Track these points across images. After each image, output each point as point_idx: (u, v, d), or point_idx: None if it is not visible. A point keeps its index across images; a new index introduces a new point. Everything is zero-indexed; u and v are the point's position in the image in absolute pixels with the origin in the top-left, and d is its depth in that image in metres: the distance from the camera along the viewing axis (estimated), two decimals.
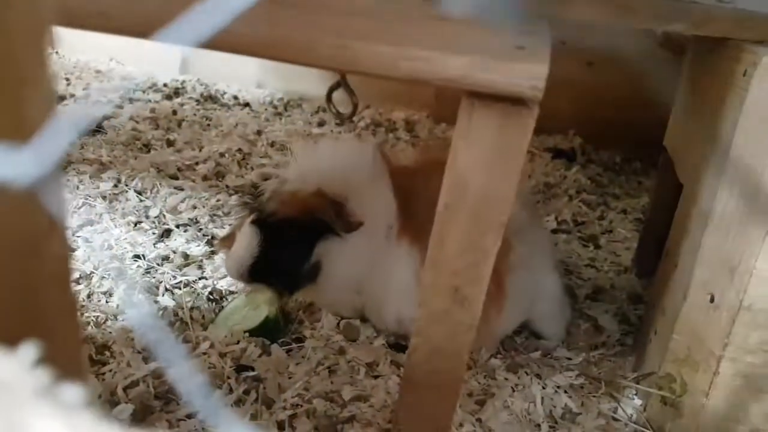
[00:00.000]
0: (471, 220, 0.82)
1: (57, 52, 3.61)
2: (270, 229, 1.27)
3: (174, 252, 1.72)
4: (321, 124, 2.98)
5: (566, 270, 1.83)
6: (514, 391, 1.31)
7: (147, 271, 1.61)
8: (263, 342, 1.35)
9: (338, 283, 1.35)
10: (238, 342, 1.35)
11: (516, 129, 0.75)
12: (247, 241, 1.28)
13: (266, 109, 3.14)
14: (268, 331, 1.38)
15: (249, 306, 1.42)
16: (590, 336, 1.55)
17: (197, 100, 3.10)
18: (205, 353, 1.30)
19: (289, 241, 1.27)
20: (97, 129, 2.56)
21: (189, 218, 1.93)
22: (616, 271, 1.86)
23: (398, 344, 1.42)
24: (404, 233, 1.33)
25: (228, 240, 1.39)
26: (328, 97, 0.93)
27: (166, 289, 1.54)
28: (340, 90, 1.01)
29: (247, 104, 3.17)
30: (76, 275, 1.54)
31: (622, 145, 2.75)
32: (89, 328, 1.35)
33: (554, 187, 2.44)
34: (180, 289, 1.54)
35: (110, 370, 1.23)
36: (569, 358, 1.45)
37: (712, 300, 1.11)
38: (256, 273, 1.30)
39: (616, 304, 1.68)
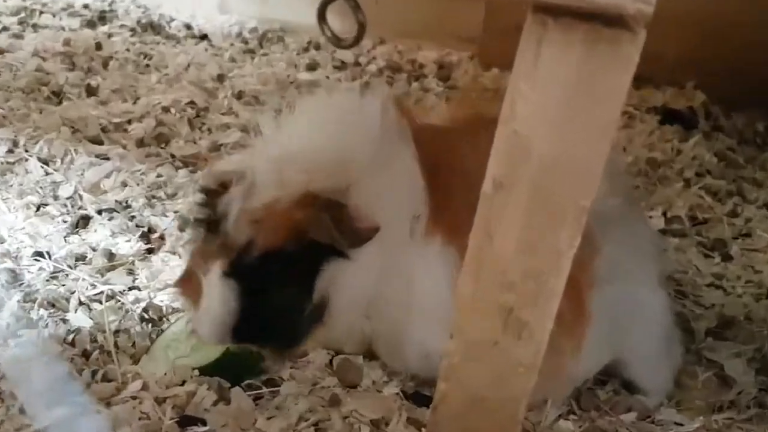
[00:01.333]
0: (534, 206, 0.81)
1: None
2: (248, 271, 1.29)
3: (93, 249, 1.72)
4: (312, 67, 2.97)
5: (678, 291, 1.80)
6: None
7: (53, 276, 1.61)
8: (220, 384, 1.34)
9: (351, 313, 1.37)
10: (183, 383, 1.34)
11: (610, 65, 0.73)
12: (219, 296, 1.29)
13: (232, 45, 3.13)
14: (227, 368, 1.36)
15: None
16: (712, 391, 1.52)
17: (132, 30, 3.10)
18: (134, 397, 1.29)
19: (278, 283, 1.29)
20: None
21: (116, 201, 1.92)
22: (753, 294, 1.83)
23: (418, 394, 1.39)
24: (437, 225, 1.32)
25: (188, 283, 1.38)
26: (321, 15, 0.92)
27: (81, 303, 1.54)
28: (339, 4, 0.99)
29: (204, 36, 3.16)
30: None
31: (767, 104, 2.71)
32: None
33: (663, 166, 2.40)
34: (101, 303, 1.54)
35: None
36: (679, 424, 1.42)
37: None
38: (243, 332, 1.32)
39: (752, 344, 1.64)
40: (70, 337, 1.43)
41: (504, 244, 0.83)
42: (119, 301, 1.56)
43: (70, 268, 1.65)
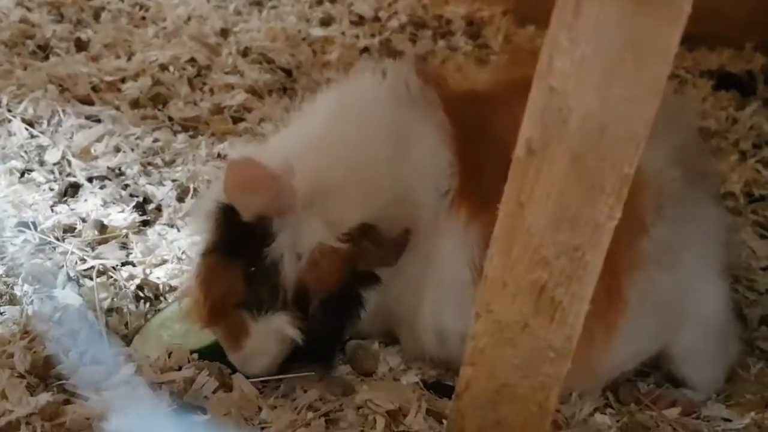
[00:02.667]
0: (571, 172, 0.80)
1: None
2: (306, 319, 1.33)
3: (83, 220, 1.74)
4: (326, 22, 2.96)
5: (730, 275, 1.79)
6: None
7: (39, 249, 1.63)
8: (220, 369, 1.36)
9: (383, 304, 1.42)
10: (180, 368, 1.36)
11: (658, 15, 0.72)
12: (278, 343, 1.34)
13: None
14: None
15: None
16: (765, 384, 1.53)
17: None
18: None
19: (331, 317, 1.35)
20: None
21: (108, 168, 1.94)
22: None
23: (440, 383, 1.42)
24: (463, 200, 1.34)
25: (221, 317, 1.35)
26: None
27: (70, 278, 1.56)
28: None
29: None
30: None
31: None
32: None
33: (717, 136, 2.39)
34: (91, 279, 1.56)
35: None
36: (728, 420, 1.43)
37: None
38: (293, 360, 1.38)
39: None
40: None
41: (537, 215, 0.83)
42: (111, 277, 1.59)
43: (58, 240, 1.67)
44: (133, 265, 1.63)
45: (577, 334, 0.88)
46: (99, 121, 2.12)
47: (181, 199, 1.86)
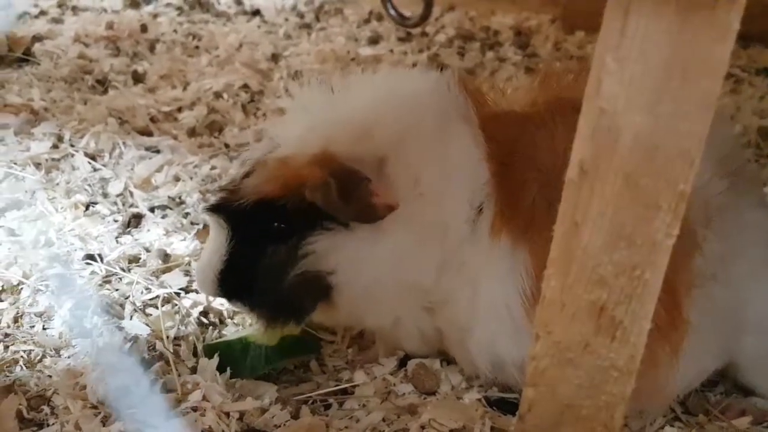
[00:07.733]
0: (625, 192, 0.80)
1: None
2: (239, 215, 1.32)
3: (147, 250, 1.78)
4: (374, 40, 2.98)
5: None
6: None
7: (106, 280, 1.67)
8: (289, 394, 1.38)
9: (376, 301, 1.38)
10: (240, 396, 1.37)
11: (706, 34, 0.72)
12: (212, 244, 1.34)
13: (287, 20, 3.17)
14: (236, 355, 1.44)
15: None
16: None
17: (179, 8, 3.15)
18: (195, 409, 1.33)
19: (269, 237, 1.32)
20: (24, 57, 2.66)
21: (169, 197, 1.98)
22: None
23: (503, 400, 1.41)
24: (504, 222, 1.32)
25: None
26: None
27: (136, 309, 1.59)
28: None
29: (256, 12, 3.20)
30: None
31: None
32: (17, 368, 1.42)
33: None
34: (157, 308, 1.59)
35: None
36: None
37: None
38: (231, 286, 1.35)
39: None
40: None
41: (593, 235, 0.83)
42: (176, 304, 1.61)
43: (123, 271, 1.70)
44: (197, 292, 1.65)
45: (640, 352, 0.88)
46: (158, 151, 2.17)
47: None
